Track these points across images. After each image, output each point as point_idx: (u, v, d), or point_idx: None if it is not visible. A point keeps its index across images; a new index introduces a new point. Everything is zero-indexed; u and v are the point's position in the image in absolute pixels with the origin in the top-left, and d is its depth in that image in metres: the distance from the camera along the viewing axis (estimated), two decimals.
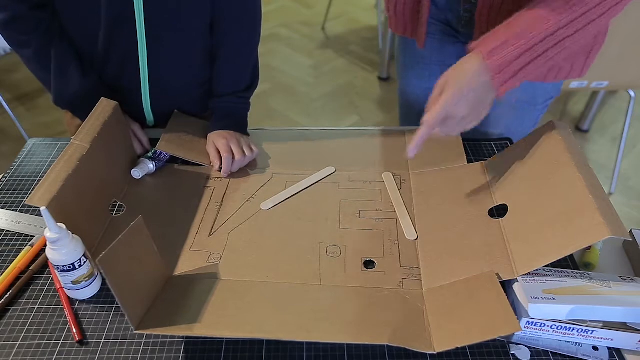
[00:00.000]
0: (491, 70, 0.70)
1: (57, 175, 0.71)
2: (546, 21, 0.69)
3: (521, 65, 0.71)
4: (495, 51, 0.70)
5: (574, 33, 0.70)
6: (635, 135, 2.26)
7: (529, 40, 0.69)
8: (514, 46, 0.70)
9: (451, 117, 0.73)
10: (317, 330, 0.64)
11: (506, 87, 0.72)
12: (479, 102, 0.73)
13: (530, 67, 0.71)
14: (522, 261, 0.68)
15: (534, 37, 0.69)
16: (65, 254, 0.66)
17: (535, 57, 0.71)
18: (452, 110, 0.72)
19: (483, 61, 0.71)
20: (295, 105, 2.45)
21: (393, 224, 0.81)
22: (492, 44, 0.71)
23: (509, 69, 0.71)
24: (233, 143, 0.91)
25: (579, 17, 0.69)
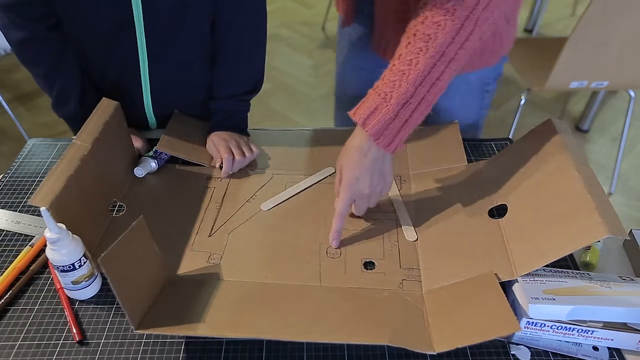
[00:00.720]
0: (372, 137, 0.72)
1: (59, 176, 0.71)
2: (408, 75, 0.69)
3: (401, 122, 0.72)
4: (369, 120, 0.72)
5: (439, 77, 0.70)
6: (635, 135, 2.26)
7: (399, 98, 0.70)
8: (385, 109, 0.71)
9: (359, 198, 0.77)
10: (317, 331, 0.64)
11: (394, 146, 0.74)
12: (378, 174, 0.75)
13: (412, 119, 0.72)
14: (521, 261, 0.68)
15: (402, 93, 0.70)
16: (65, 254, 0.66)
17: (413, 109, 0.71)
18: (357, 193, 0.76)
19: (363, 131, 0.72)
20: (295, 105, 2.45)
21: (393, 224, 0.81)
22: (365, 113, 0.72)
23: (388, 132, 0.72)
24: (233, 144, 0.91)
25: (440, 57, 0.69)
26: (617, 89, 2.26)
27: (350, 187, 0.75)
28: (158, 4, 0.82)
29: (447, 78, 0.70)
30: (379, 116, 0.71)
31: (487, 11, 0.68)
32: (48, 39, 0.84)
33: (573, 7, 3.13)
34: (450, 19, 0.67)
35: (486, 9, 0.67)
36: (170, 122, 0.97)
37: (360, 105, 0.73)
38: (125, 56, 0.88)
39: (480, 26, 0.68)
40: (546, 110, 2.41)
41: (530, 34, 2.93)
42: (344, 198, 0.76)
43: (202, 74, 0.96)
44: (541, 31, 2.97)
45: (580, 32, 1.50)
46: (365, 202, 0.78)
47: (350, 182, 0.75)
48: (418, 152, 0.94)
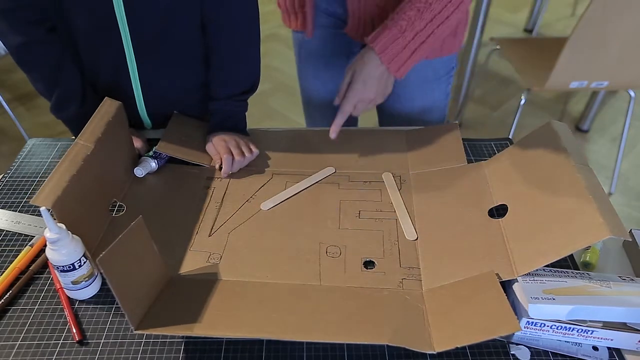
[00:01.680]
0: (384, 62, 0.88)
1: (62, 175, 0.71)
2: (421, 15, 0.86)
3: (409, 53, 0.88)
4: (385, 46, 0.87)
5: (448, 16, 0.87)
6: (635, 135, 2.26)
7: (413, 32, 0.86)
8: (399, 39, 0.87)
9: (361, 101, 0.91)
10: (317, 330, 0.64)
11: (402, 71, 0.90)
12: (382, 86, 0.91)
13: (418, 52, 0.89)
14: (522, 261, 0.68)
15: (417, 29, 0.86)
16: (65, 254, 0.66)
17: (419, 44, 0.88)
18: (362, 96, 0.91)
19: (377, 55, 0.88)
20: (295, 105, 2.45)
21: (393, 224, 0.81)
22: (383, 39, 0.87)
23: (398, 58, 0.88)
24: (232, 144, 0.91)
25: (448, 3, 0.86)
26: (617, 89, 2.26)
27: (359, 90, 0.90)
28: (140, 3, 0.82)
29: (454, 18, 0.88)
30: (395, 47, 0.87)
31: None
32: (47, 42, 0.84)
33: (573, 7, 3.13)
34: None
35: None
36: (169, 123, 0.97)
37: (380, 35, 0.88)
38: (113, 58, 0.87)
39: None
40: (546, 110, 2.41)
41: (530, 34, 2.93)
42: (351, 98, 0.90)
43: (194, 74, 0.95)
44: (541, 31, 2.97)
45: (580, 32, 1.51)
46: (365, 105, 0.92)
47: (360, 87, 0.89)
48: (418, 152, 0.94)
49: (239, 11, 0.90)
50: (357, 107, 0.92)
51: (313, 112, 1.26)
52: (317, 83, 1.19)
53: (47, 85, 0.88)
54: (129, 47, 0.86)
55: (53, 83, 0.87)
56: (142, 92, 0.93)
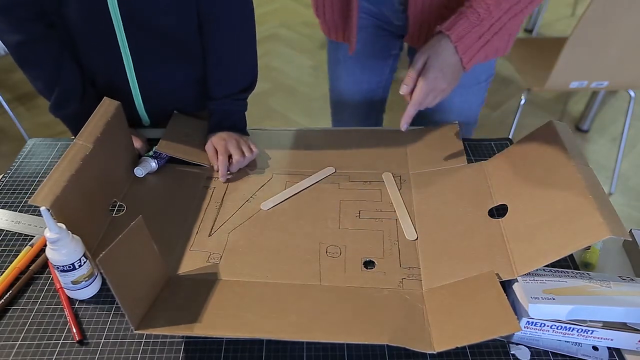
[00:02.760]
0: (459, 51, 0.83)
1: (60, 175, 0.71)
2: (499, 4, 0.82)
3: (482, 44, 0.85)
4: (461, 34, 0.83)
5: (523, 9, 0.84)
6: (635, 135, 2.26)
7: (489, 22, 0.83)
8: (476, 27, 0.83)
9: (434, 90, 0.85)
10: (317, 330, 0.64)
11: (471, 63, 0.86)
12: (454, 76, 0.86)
13: (489, 44, 0.85)
14: (522, 261, 0.68)
15: (493, 19, 0.83)
16: (65, 254, 0.66)
17: (492, 35, 0.84)
18: (435, 85, 0.84)
19: (452, 43, 0.83)
20: (295, 105, 2.45)
21: (393, 224, 0.81)
22: (459, 27, 0.83)
23: (472, 49, 0.84)
24: (231, 144, 0.91)
25: None
26: (617, 89, 2.26)
27: (435, 79, 0.84)
28: None
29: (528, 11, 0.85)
30: (471, 36, 0.83)
31: None
32: (46, 39, 0.84)
33: (573, 7, 3.13)
34: None
35: None
36: (169, 123, 0.97)
37: (457, 22, 0.84)
38: (109, 54, 0.87)
39: None
40: (546, 110, 2.41)
41: (530, 34, 2.93)
42: (424, 87, 0.84)
43: (191, 69, 0.95)
44: (541, 31, 2.97)
45: (580, 32, 1.50)
46: (436, 95, 0.86)
47: (436, 76, 0.84)
48: (418, 152, 0.94)
49: (234, 10, 0.90)
50: (429, 97, 0.85)
51: (343, 112, 1.24)
52: (350, 84, 1.17)
53: (46, 83, 0.88)
54: (124, 43, 0.86)
55: (53, 81, 0.87)
56: (139, 89, 0.93)
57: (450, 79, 0.85)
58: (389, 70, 1.14)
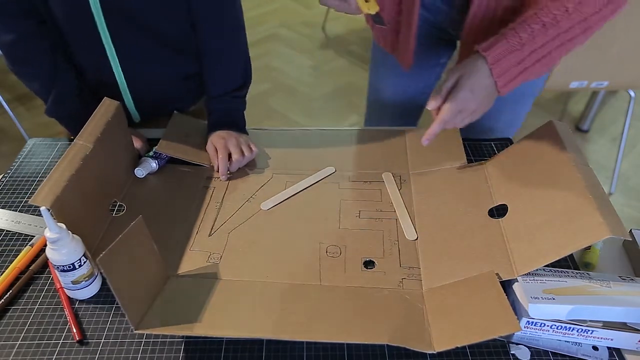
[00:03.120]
0: (494, 74, 0.77)
1: (61, 175, 0.71)
2: (546, 30, 0.75)
3: (520, 70, 0.77)
4: (498, 57, 0.76)
5: (572, 38, 0.76)
6: (635, 135, 2.26)
7: (531, 48, 0.76)
8: (516, 52, 0.76)
9: (462, 111, 0.79)
10: (317, 330, 0.64)
11: (507, 89, 0.79)
12: (487, 99, 0.79)
13: (528, 71, 0.78)
14: (522, 261, 0.68)
15: (536, 45, 0.75)
16: (65, 253, 0.66)
17: (534, 62, 0.77)
18: (464, 106, 0.78)
19: (487, 65, 0.77)
20: (295, 105, 2.45)
21: (393, 224, 0.81)
22: (498, 50, 0.76)
23: (509, 74, 0.77)
24: (231, 143, 0.91)
25: (577, 24, 0.75)
26: (617, 89, 2.26)
27: (464, 100, 0.78)
28: None
29: (577, 42, 0.77)
30: (509, 60, 0.76)
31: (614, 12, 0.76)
32: (38, 37, 0.84)
33: None
34: None
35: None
36: (170, 123, 0.97)
37: (495, 44, 0.77)
38: (95, 51, 0.87)
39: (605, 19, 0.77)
40: (546, 110, 2.40)
41: None
42: (453, 106, 0.78)
43: (182, 67, 0.95)
44: None
45: None
46: (462, 118, 0.80)
47: (466, 96, 0.78)
48: (418, 152, 0.94)
49: (231, 12, 0.90)
50: (457, 117, 0.79)
51: (379, 112, 1.22)
52: (392, 86, 1.14)
53: (43, 82, 0.88)
54: (108, 39, 0.86)
55: (49, 79, 0.87)
56: (127, 86, 0.93)
57: (481, 101, 0.79)
58: (434, 78, 1.12)
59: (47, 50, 0.85)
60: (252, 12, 3.19)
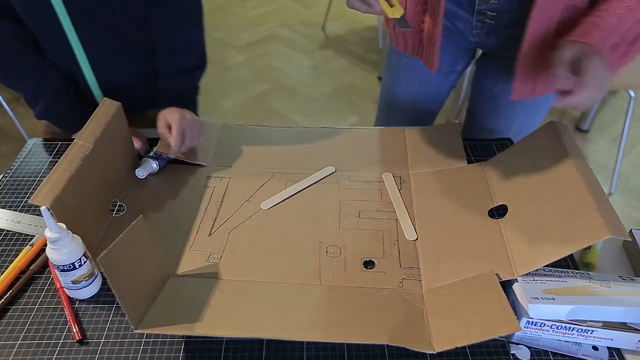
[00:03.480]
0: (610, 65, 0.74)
1: (61, 175, 0.71)
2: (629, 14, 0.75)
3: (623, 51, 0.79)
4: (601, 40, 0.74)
5: None
6: (635, 135, 2.26)
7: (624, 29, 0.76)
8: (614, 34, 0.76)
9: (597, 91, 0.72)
10: (317, 330, 0.64)
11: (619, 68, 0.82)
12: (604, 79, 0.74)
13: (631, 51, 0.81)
14: (521, 261, 0.68)
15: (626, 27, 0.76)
16: (66, 253, 0.66)
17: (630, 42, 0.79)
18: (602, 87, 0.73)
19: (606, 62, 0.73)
20: (295, 105, 2.45)
21: (393, 224, 0.81)
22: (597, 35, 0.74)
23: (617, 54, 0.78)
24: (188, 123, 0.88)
25: None
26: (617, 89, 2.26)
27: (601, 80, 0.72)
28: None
29: None
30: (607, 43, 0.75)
31: None
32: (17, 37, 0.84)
33: None
34: None
35: None
36: None
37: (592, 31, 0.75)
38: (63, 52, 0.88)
39: None
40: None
41: None
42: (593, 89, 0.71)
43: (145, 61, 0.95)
44: None
45: None
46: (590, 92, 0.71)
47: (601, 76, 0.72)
48: (418, 152, 0.94)
49: None
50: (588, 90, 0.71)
51: (391, 113, 1.20)
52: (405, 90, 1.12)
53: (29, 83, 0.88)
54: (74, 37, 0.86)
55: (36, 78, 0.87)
56: (98, 84, 0.93)
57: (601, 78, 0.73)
58: (448, 86, 1.11)
59: (29, 51, 0.86)
60: (252, 12, 3.19)
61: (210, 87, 2.51)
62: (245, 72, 2.66)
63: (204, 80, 1.00)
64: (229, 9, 3.22)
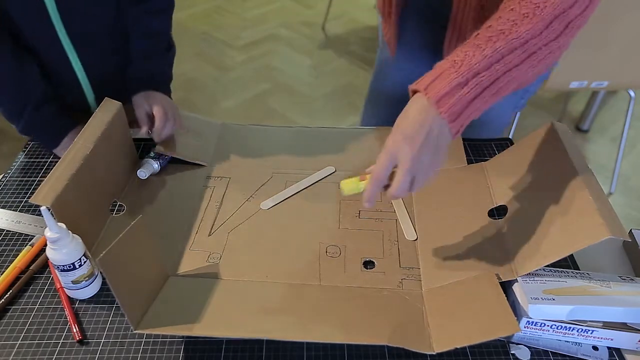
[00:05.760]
0: (435, 103, 0.61)
1: (61, 175, 0.71)
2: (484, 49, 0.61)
3: (472, 96, 0.61)
4: (434, 84, 0.61)
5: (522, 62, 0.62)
6: (635, 135, 2.26)
7: (471, 66, 0.61)
8: (454, 74, 0.61)
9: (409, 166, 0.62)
10: (317, 331, 0.64)
11: (460, 122, 0.62)
12: (433, 148, 0.62)
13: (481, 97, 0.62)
14: (521, 262, 0.68)
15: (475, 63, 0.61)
16: (66, 253, 0.66)
17: (484, 86, 0.61)
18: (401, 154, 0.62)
19: (424, 97, 0.61)
20: (295, 105, 2.45)
21: (393, 224, 0.81)
22: (429, 79, 0.62)
23: (455, 100, 0.60)
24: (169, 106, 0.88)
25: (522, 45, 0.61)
26: (617, 89, 2.26)
27: (393, 144, 0.62)
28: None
29: (523, 70, 0.62)
30: (446, 80, 0.60)
31: (580, 19, 0.63)
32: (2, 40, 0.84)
33: None
34: (539, 13, 0.61)
35: (580, 17, 0.64)
36: None
37: (422, 78, 0.63)
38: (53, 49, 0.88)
39: (569, 32, 0.63)
40: (546, 110, 2.41)
41: None
42: (381, 160, 0.62)
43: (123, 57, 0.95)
44: None
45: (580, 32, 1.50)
46: (408, 171, 0.61)
47: (395, 139, 0.61)
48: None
49: None
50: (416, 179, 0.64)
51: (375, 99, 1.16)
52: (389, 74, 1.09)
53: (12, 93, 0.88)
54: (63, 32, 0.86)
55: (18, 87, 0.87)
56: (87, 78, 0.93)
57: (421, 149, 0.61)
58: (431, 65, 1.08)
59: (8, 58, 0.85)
60: (252, 12, 3.19)
61: (210, 87, 2.51)
62: (245, 72, 2.66)
63: (204, 80, 1.00)
64: (229, 9, 3.22)
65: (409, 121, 0.61)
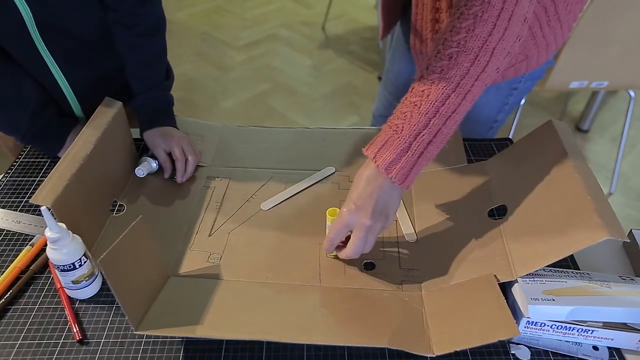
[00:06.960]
0: (384, 171, 0.67)
1: (62, 174, 0.71)
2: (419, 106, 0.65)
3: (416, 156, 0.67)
4: (380, 153, 0.67)
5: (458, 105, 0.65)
6: (635, 135, 2.26)
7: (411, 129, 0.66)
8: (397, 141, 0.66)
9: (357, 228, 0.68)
10: (317, 332, 0.64)
11: (409, 181, 0.69)
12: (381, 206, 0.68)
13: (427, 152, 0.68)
14: (521, 262, 0.68)
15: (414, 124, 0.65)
16: (66, 253, 0.66)
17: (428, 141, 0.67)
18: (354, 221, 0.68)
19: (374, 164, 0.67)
20: (295, 105, 2.45)
21: (393, 225, 0.81)
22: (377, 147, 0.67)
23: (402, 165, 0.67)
24: (184, 143, 0.89)
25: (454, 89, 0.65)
26: (617, 89, 2.26)
27: (347, 213, 0.68)
28: None
29: (463, 110, 0.66)
30: (391, 148, 0.66)
31: (504, 42, 0.64)
32: None
33: None
34: (462, 50, 0.63)
35: (503, 40, 0.63)
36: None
37: (373, 141, 0.69)
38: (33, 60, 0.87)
39: (497, 57, 0.64)
40: (546, 110, 2.41)
41: None
42: (336, 226, 0.69)
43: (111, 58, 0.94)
44: None
45: (580, 31, 1.51)
46: (362, 237, 0.68)
47: (349, 208, 0.68)
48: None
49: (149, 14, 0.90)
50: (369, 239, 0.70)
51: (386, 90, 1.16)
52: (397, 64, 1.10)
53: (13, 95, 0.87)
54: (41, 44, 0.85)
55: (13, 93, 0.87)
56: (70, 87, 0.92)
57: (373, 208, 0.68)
58: None
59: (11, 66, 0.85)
60: (252, 12, 3.19)
61: (210, 87, 2.51)
62: (245, 72, 2.67)
63: (204, 80, 1.00)
64: (229, 9, 3.23)
65: (359, 191, 0.68)
